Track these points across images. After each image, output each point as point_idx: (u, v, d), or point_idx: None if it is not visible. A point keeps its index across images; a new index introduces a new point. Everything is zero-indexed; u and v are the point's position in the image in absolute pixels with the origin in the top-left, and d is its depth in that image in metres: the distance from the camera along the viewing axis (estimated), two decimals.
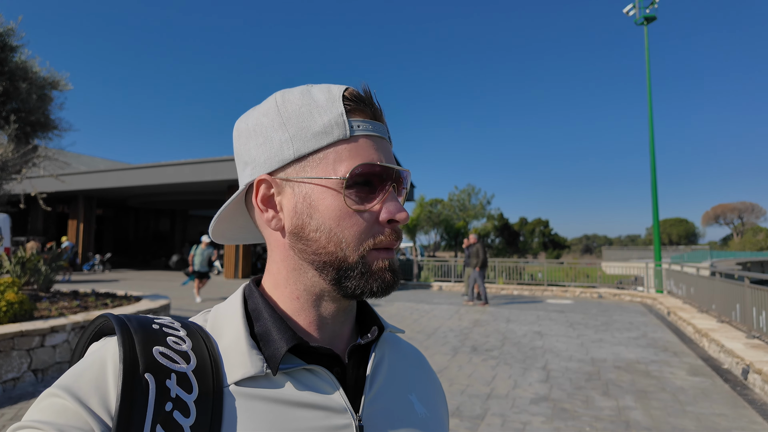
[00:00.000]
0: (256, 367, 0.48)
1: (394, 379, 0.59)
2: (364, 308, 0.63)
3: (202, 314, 0.57)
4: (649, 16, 16.11)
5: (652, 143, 15.28)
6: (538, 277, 18.93)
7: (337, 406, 0.51)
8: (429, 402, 0.62)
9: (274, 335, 0.51)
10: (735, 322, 7.53)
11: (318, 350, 0.53)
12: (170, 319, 0.52)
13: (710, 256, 39.56)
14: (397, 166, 0.54)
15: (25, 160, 7.68)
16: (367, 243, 0.51)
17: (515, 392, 4.81)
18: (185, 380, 0.45)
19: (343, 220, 0.51)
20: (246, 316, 0.54)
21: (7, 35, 6.98)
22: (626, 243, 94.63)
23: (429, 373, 0.68)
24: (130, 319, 0.49)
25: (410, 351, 0.68)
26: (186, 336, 0.50)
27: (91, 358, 0.46)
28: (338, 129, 0.52)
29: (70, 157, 26.31)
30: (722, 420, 4.13)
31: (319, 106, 0.52)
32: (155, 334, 0.48)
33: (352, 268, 0.51)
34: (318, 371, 0.51)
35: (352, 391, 0.54)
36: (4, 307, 5.02)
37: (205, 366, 0.47)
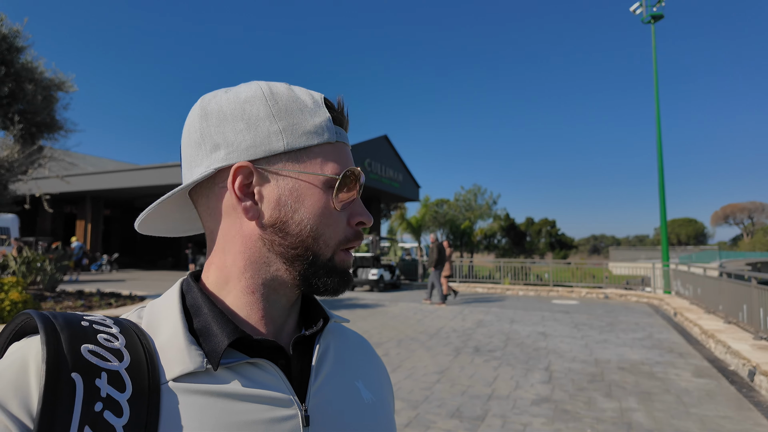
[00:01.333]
0: (195, 362, 0.47)
1: (340, 367, 0.59)
2: (309, 300, 0.63)
3: (136, 311, 0.55)
4: (656, 15, 15.98)
5: (660, 142, 15.14)
6: (544, 277, 18.84)
7: (282, 397, 0.50)
8: (375, 387, 0.63)
9: (214, 330, 0.50)
10: (742, 323, 7.44)
11: (262, 343, 0.52)
12: (102, 316, 0.51)
13: (719, 256, 39.15)
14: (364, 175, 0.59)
15: (31, 160, 7.75)
16: (340, 242, 0.55)
17: (517, 393, 4.78)
18: (117, 378, 0.43)
19: (326, 217, 0.53)
20: (184, 311, 0.53)
21: (13, 37, 7.05)
22: (634, 243, 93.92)
23: (374, 358, 0.69)
24: (56, 316, 0.47)
25: (355, 338, 0.68)
26: (119, 333, 0.48)
27: (10, 358, 0.44)
28: (328, 132, 0.55)
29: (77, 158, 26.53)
30: (727, 422, 4.07)
31: (308, 107, 0.55)
32: (84, 332, 0.46)
33: (322, 265, 0.54)
34: (262, 364, 0.51)
35: (298, 382, 0.53)
36: (8, 306, 5.07)
37: (140, 363, 0.46)
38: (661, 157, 15.09)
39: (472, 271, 18.30)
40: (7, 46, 7.05)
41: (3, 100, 7.15)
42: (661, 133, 15.24)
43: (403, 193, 26.65)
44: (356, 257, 15.74)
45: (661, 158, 15.08)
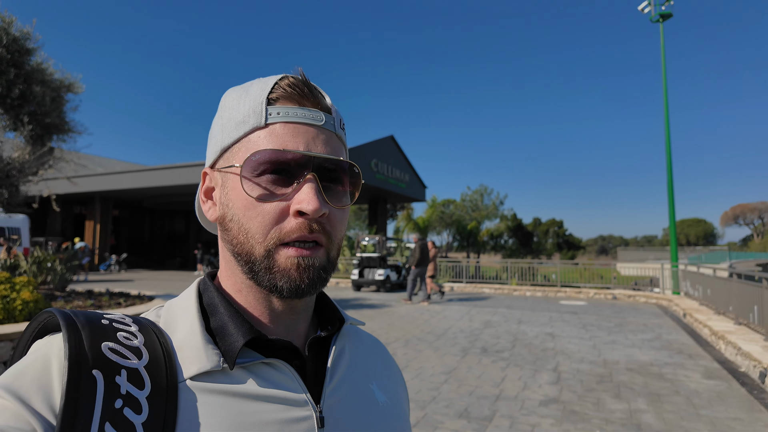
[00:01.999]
0: (212, 361, 0.48)
1: (355, 370, 0.59)
2: (324, 301, 0.63)
3: (154, 310, 0.55)
4: (664, 13, 15.86)
5: (668, 142, 15.03)
6: (552, 278, 18.75)
7: (297, 398, 0.50)
8: (389, 390, 0.62)
9: (230, 329, 0.50)
10: (753, 324, 7.36)
11: (276, 343, 0.52)
12: (122, 315, 0.51)
13: (729, 257, 38.77)
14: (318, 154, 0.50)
15: (41, 162, 7.83)
16: (272, 236, 0.49)
17: (525, 394, 4.76)
18: (137, 376, 0.44)
19: (248, 209, 0.50)
20: (201, 310, 0.53)
21: (23, 39, 7.13)
22: (642, 244, 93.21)
23: (389, 361, 0.68)
24: (78, 314, 0.47)
25: (370, 341, 0.68)
26: (138, 331, 0.48)
27: (34, 355, 0.44)
28: (254, 117, 0.51)
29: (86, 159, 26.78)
30: (737, 424, 4.03)
31: (247, 96, 0.52)
32: (104, 330, 0.46)
33: (258, 261, 0.50)
34: (277, 364, 0.51)
35: (312, 383, 0.53)
36: (19, 305, 5.12)
37: (158, 362, 0.46)
38: (669, 157, 14.98)
39: (479, 272, 18.24)
40: (17, 48, 7.13)
41: (14, 101, 7.22)
42: (670, 132, 15.12)
43: (410, 194, 26.64)
44: (363, 257, 15.75)
45: (670, 158, 14.97)
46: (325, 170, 0.51)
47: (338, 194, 0.53)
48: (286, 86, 0.52)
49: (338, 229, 0.53)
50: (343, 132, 0.56)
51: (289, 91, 0.51)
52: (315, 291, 0.51)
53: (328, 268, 0.52)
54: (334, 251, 0.53)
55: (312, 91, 0.53)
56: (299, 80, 0.52)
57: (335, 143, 0.53)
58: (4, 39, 6.80)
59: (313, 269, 0.50)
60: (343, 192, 0.54)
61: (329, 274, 0.52)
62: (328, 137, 0.52)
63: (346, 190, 0.54)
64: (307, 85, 0.53)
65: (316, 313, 0.62)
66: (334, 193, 0.52)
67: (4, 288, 5.20)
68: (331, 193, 0.52)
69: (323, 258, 0.51)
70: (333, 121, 0.54)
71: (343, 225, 0.54)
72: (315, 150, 0.50)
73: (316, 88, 0.54)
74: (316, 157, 0.50)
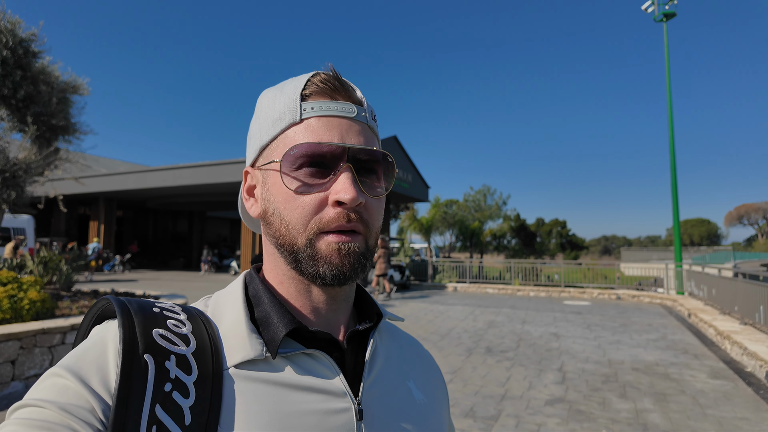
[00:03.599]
0: (255, 350, 0.49)
1: (392, 366, 0.60)
2: (363, 295, 0.63)
3: (203, 300, 0.58)
4: (668, 13, 15.82)
5: (672, 141, 14.98)
6: (555, 278, 18.71)
7: (336, 389, 0.51)
8: (427, 389, 0.62)
9: (273, 319, 0.52)
10: (759, 324, 7.33)
11: (317, 335, 0.53)
12: (171, 303, 0.53)
13: (733, 257, 38.58)
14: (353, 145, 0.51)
15: (47, 162, 7.87)
16: (313, 226, 0.51)
17: (530, 393, 4.76)
18: (184, 362, 0.46)
19: (288, 202, 0.52)
20: (246, 301, 0.55)
21: (29, 41, 7.16)
22: (646, 244, 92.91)
23: (428, 361, 0.68)
24: (131, 302, 0.50)
25: (408, 340, 0.68)
26: (186, 320, 0.51)
27: (92, 339, 0.48)
28: (289, 113, 0.53)
29: (91, 160, 26.92)
30: (744, 424, 4.02)
31: (282, 95, 0.54)
32: (155, 317, 0.49)
33: (300, 251, 0.51)
34: (317, 355, 0.52)
35: (351, 375, 0.54)
36: (26, 305, 5.15)
37: (205, 349, 0.48)
38: (673, 157, 14.93)
39: (482, 272, 18.22)
40: (23, 50, 7.17)
41: (20, 103, 7.27)
42: (674, 131, 15.07)
43: (413, 194, 26.61)
44: None
45: (674, 158, 14.92)
46: (360, 161, 0.53)
47: (373, 184, 0.54)
48: (319, 82, 0.53)
49: (375, 218, 0.54)
50: (375, 123, 0.58)
51: (322, 86, 0.53)
52: (356, 277, 0.52)
53: (368, 255, 0.53)
54: (372, 239, 0.54)
55: (343, 85, 0.54)
56: (330, 75, 0.54)
57: (368, 134, 0.55)
58: (10, 41, 6.84)
59: (354, 255, 0.51)
60: (378, 181, 0.55)
61: (369, 261, 0.53)
62: (361, 128, 0.54)
63: (380, 180, 0.55)
64: (338, 80, 0.54)
65: (355, 307, 0.63)
66: (370, 183, 0.54)
67: (12, 288, 5.23)
68: (367, 182, 0.53)
69: (362, 245, 0.52)
70: (365, 112, 0.55)
71: (379, 214, 0.55)
72: (349, 141, 0.52)
73: (346, 81, 0.56)
74: (351, 147, 0.51)
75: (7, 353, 4.54)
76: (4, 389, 4.48)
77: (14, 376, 4.57)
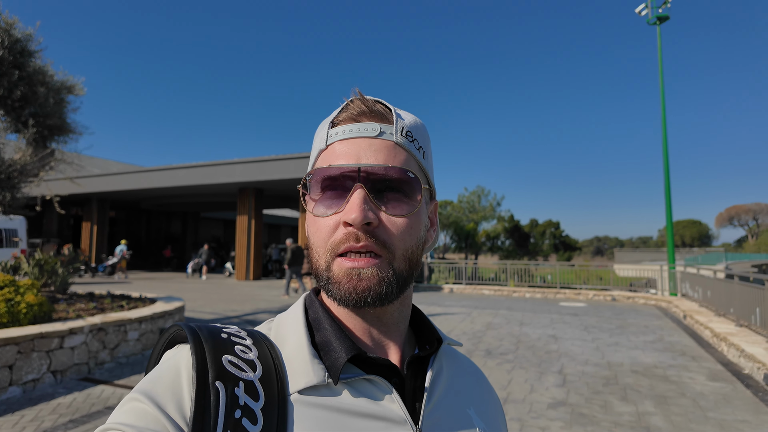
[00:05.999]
0: (318, 376, 0.49)
1: (453, 392, 0.59)
2: (421, 319, 0.63)
3: (266, 323, 0.59)
4: (661, 16, 15.97)
5: (665, 143, 15.11)
6: (548, 279, 18.79)
7: (396, 416, 0.51)
8: (488, 417, 0.62)
9: (334, 344, 0.52)
10: (755, 327, 7.40)
11: (376, 361, 0.53)
12: (237, 328, 0.54)
13: (725, 258, 39.00)
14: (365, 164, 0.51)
15: (42, 163, 7.79)
16: (328, 248, 0.51)
17: (532, 396, 4.77)
18: (252, 388, 0.47)
19: (311, 227, 0.54)
20: (307, 325, 0.55)
21: (25, 41, 7.09)
22: (638, 245, 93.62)
23: (487, 388, 0.67)
24: (201, 328, 0.51)
25: (468, 365, 0.68)
26: (252, 345, 0.52)
27: (166, 364, 0.49)
28: (320, 142, 0.56)
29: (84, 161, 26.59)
30: (745, 426, 4.05)
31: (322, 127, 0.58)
32: (224, 343, 0.50)
33: (323, 274, 0.52)
34: (377, 381, 0.52)
35: (411, 402, 0.54)
36: (24, 309, 5.08)
37: (271, 374, 0.49)
38: (666, 159, 15.06)
39: (477, 273, 18.28)
40: (19, 49, 7.09)
41: (16, 103, 7.18)
42: (667, 133, 15.21)
43: None
44: None
45: (667, 160, 15.05)
46: (377, 179, 0.51)
47: (396, 201, 0.52)
48: (346, 107, 0.56)
49: (398, 238, 0.51)
50: (407, 138, 0.55)
51: (350, 112, 0.55)
52: (373, 303, 0.50)
53: (390, 280, 0.50)
54: (399, 262, 0.51)
55: (369, 107, 0.54)
56: (355, 99, 0.56)
57: (393, 151, 0.53)
58: (6, 41, 6.76)
59: (366, 279, 0.49)
60: (403, 199, 0.53)
61: (393, 287, 0.50)
62: (383, 146, 0.52)
63: (408, 197, 0.53)
64: (365, 103, 0.55)
65: (414, 331, 0.62)
66: (392, 201, 0.52)
67: (9, 291, 5.16)
68: (387, 200, 0.52)
69: (382, 269, 0.50)
70: (392, 130, 0.54)
71: (406, 233, 0.52)
72: (365, 160, 0.51)
73: (379, 102, 0.56)
74: (362, 167, 0.51)
75: (5, 358, 4.48)
76: (1, 394, 4.42)
77: (12, 381, 4.51)
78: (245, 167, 17.67)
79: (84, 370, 5.26)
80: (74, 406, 4.28)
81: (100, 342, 5.51)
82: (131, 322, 5.97)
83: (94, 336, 5.42)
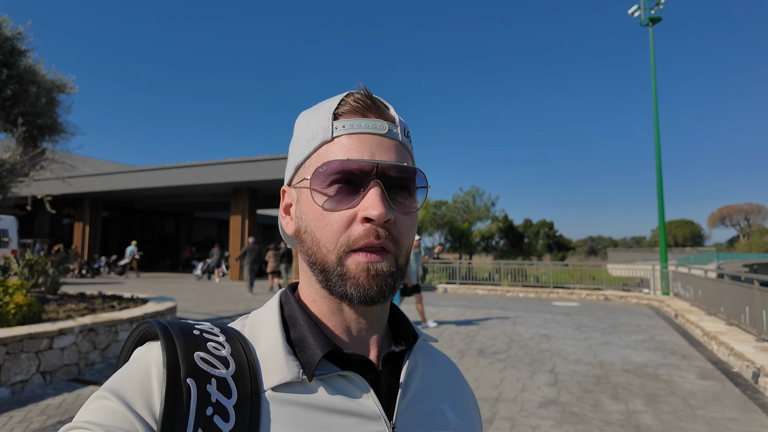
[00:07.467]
0: (292, 372, 0.49)
1: (428, 388, 0.59)
2: (398, 316, 0.63)
3: (240, 320, 0.58)
4: (654, 17, 16.07)
5: (658, 144, 15.21)
6: (543, 279, 18.86)
7: (370, 412, 0.51)
8: (462, 412, 0.62)
9: (309, 341, 0.52)
10: (744, 325, 7.47)
11: (352, 357, 0.53)
12: (210, 325, 0.53)
13: (717, 257, 39.31)
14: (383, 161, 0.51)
15: (33, 163, 7.72)
16: (342, 243, 0.50)
17: (523, 396, 4.79)
18: (225, 385, 0.46)
19: (319, 220, 0.51)
20: (282, 321, 0.55)
21: (15, 39, 7.03)
22: (631, 245, 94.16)
23: (462, 383, 0.68)
24: (172, 324, 0.50)
25: (443, 361, 0.68)
26: (225, 341, 0.51)
27: (136, 362, 0.48)
28: (322, 132, 0.53)
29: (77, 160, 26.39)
30: (734, 424, 4.09)
31: (316, 115, 0.55)
32: (196, 340, 0.49)
33: (331, 270, 0.51)
34: (352, 378, 0.52)
35: (385, 398, 0.54)
36: (13, 309, 5.04)
37: (244, 371, 0.49)
38: (659, 160, 15.15)
39: (471, 273, 18.32)
40: (9, 48, 7.03)
41: (5, 102, 7.12)
42: (660, 134, 15.31)
43: None
44: None
45: (659, 160, 15.15)
46: (390, 177, 0.52)
47: (404, 201, 0.53)
48: (352, 101, 0.54)
49: (405, 236, 0.53)
50: (408, 140, 0.57)
51: (354, 105, 0.53)
52: (384, 299, 0.51)
53: (397, 275, 0.52)
54: (402, 258, 0.53)
55: (375, 103, 0.54)
56: (362, 94, 0.55)
57: (400, 150, 0.54)
58: None
59: (382, 275, 0.50)
60: (409, 198, 0.54)
61: (398, 282, 0.52)
62: (393, 145, 0.53)
63: (412, 197, 0.54)
64: (370, 98, 0.55)
65: (391, 327, 0.62)
66: (401, 200, 0.53)
67: None
68: (397, 199, 0.52)
69: (392, 264, 0.51)
70: (397, 129, 0.55)
71: (411, 232, 0.54)
72: (379, 157, 0.51)
73: (379, 99, 0.56)
74: (380, 164, 0.51)
75: None
76: None
77: (0, 382, 4.47)
78: (239, 167, 17.62)
79: (74, 371, 5.22)
80: (63, 408, 4.25)
81: (91, 343, 5.47)
82: (122, 323, 5.93)
83: (84, 337, 5.39)
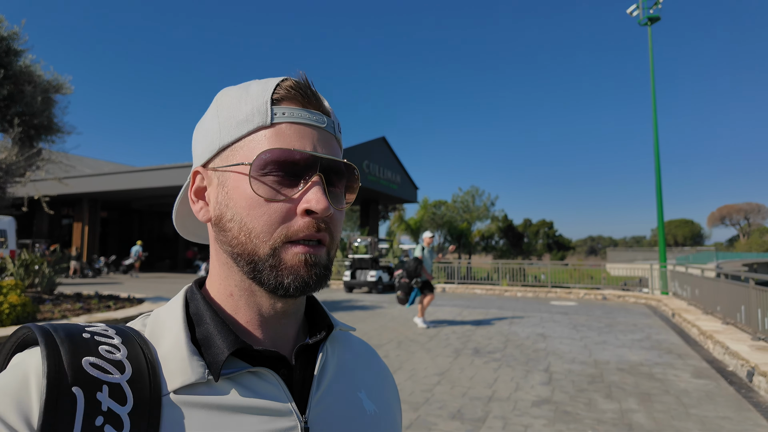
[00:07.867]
0: (196, 373, 0.47)
1: (343, 378, 0.58)
2: (315, 307, 0.61)
3: (140, 319, 0.54)
4: (653, 17, 16.06)
5: (657, 144, 15.21)
6: (541, 278, 18.87)
7: (282, 408, 0.49)
8: (379, 398, 0.61)
9: (216, 340, 0.50)
10: (740, 324, 7.47)
11: (263, 353, 0.51)
12: (104, 326, 0.50)
13: (716, 257, 39.31)
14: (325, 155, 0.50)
15: (29, 163, 7.73)
16: (279, 235, 0.49)
17: (517, 395, 4.79)
18: (119, 391, 0.43)
19: (253, 209, 0.49)
20: (187, 319, 0.52)
21: (11, 39, 7.03)
22: (631, 244, 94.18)
23: (380, 369, 0.67)
24: (57, 328, 0.46)
25: (361, 347, 0.67)
26: (121, 344, 0.47)
27: (11, 372, 0.43)
28: (259, 116, 0.50)
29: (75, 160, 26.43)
30: (726, 423, 4.09)
31: (249, 96, 0.52)
32: (85, 344, 0.45)
33: (263, 260, 0.49)
34: (263, 374, 0.50)
35: (299, 392, 0.53)
36: (6, 309, 5.05)
37: (142, 375, 0.45)
38: (658, 159, 15.15)
39: (470, 273, 18.32)
40: (5, 48, 7.04)
41: (1, 102, 7.13)
42: (659, 134, 15.30)
43: (402, 195, 26.66)
44: (355, 259, 15.72)
45: (658, 159, 15.15)
46: (330, 171, 0.52)
47: (338, 195, 0.54)
48: (289, 87, 0.52)
49: (338, 230, 0.53)
50: (340, 135, 0.57)
51: (293, 92, 0.52)
52: (319, 288, 0.51)
53: (329, 267, 0.52)
54: (333, 250, 0.53)
55: (315, 94, 0.53)
56: (302, 83, 0.53)
57: (335, 146, 0.54)
58: None
59: (319, 267, 0.50)
60: (342, 193, 0.54)
61: (330, 273, 0.52)
62: (330, 139, 0.53)
63: (345, 191, 0.55)
64: (310, 89, 0.53)
65: (307, 319, 0.61)
66: (335, 194, 0.53)
67: None
68: (333, 194, 0.52)
69: (326, 256, 0.52)
70: (333, 124, 0.54)
71: (341, 225, 0.54)
72: (320, 151, 0.51)
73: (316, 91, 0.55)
74: (323, 158, 0.50)
75: None
76: None
77: None
78: None
79: None
80: None
81: None
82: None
83: None
